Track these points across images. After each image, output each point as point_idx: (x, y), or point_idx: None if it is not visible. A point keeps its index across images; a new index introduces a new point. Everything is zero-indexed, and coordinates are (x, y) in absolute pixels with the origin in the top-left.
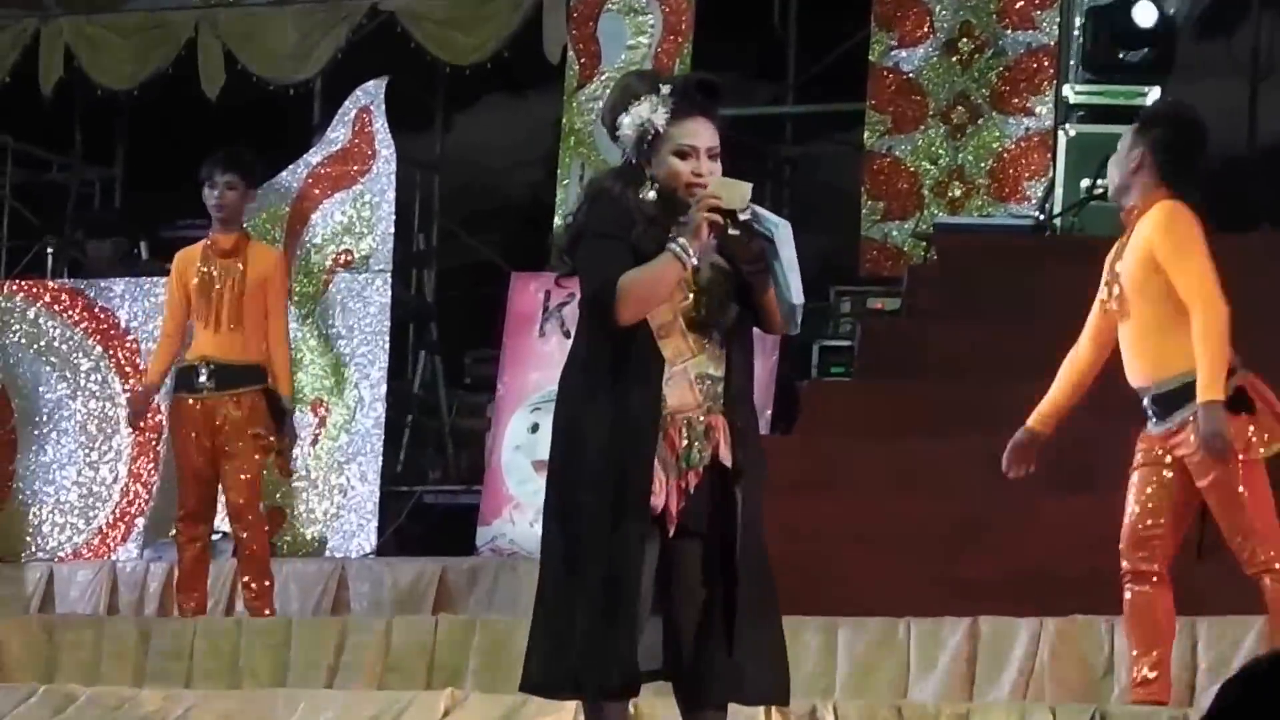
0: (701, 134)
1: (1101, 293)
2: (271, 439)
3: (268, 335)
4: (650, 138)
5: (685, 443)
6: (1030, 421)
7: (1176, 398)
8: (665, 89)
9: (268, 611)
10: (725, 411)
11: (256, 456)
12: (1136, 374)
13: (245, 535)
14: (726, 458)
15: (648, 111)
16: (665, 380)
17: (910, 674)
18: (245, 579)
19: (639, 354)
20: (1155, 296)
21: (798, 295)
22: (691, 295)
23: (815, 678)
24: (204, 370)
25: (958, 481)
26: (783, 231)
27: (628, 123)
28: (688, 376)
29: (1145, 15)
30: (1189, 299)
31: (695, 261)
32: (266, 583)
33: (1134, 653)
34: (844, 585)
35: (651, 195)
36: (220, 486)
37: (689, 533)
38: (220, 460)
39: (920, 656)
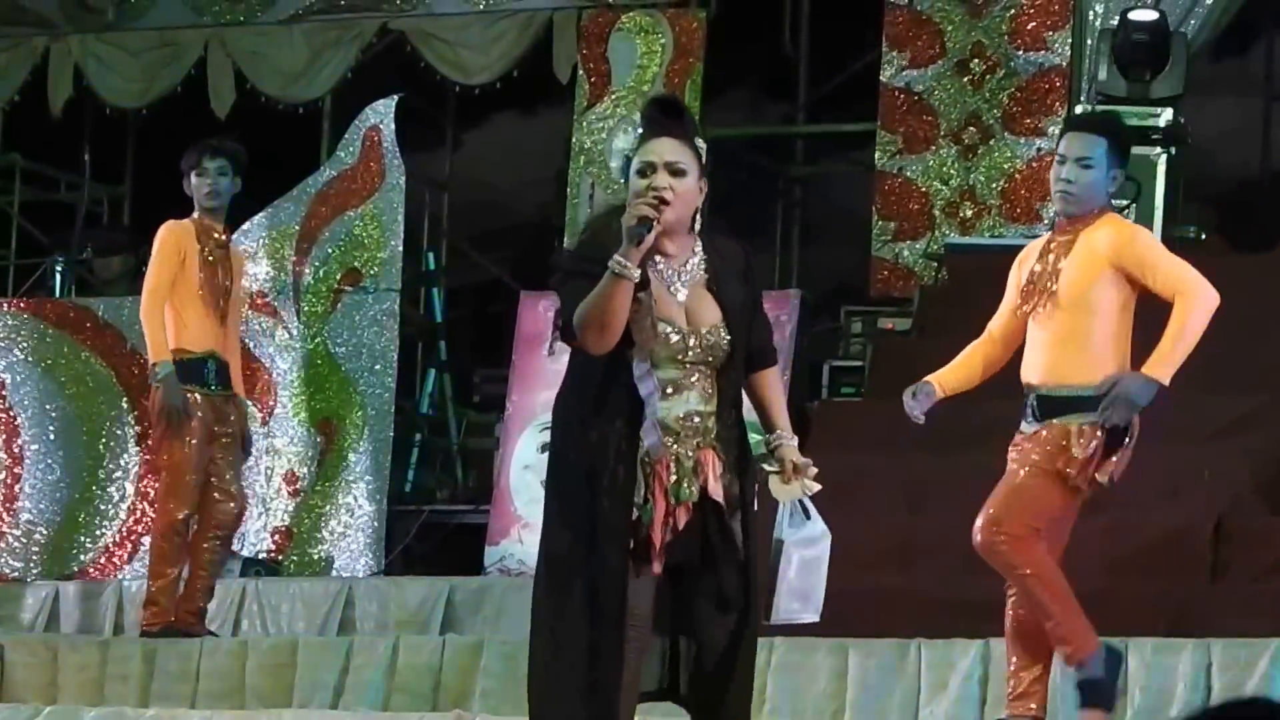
0: (659, 150)
1: (1016, 298)
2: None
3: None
4: (626, 164)
5: (674, 478)
6: (936, 379)
7: (1058, 405)
8: (637, 117)
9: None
10: (715, 446)
11: (241, 460)
12: (1035, 372)
13: (232, 539)
14: (716, 492)
15: (622, 142)
16: (643, 418)
17: (921, 696)
18: (208, 582)
19: (617, 390)
20: (1095, 306)
21: (789, 612)
22: (678, 336)
23: (826, 700)
24: (212, 366)
25: (969, 502)
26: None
27: (616, 156)
28: (656, 415)
29: (1153, 22)
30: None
31: (634, 272)
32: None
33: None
34: (855, 606)
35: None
36: (217, 492)
37: (683, 566)
38: (216, 455)
39: (931, 678)
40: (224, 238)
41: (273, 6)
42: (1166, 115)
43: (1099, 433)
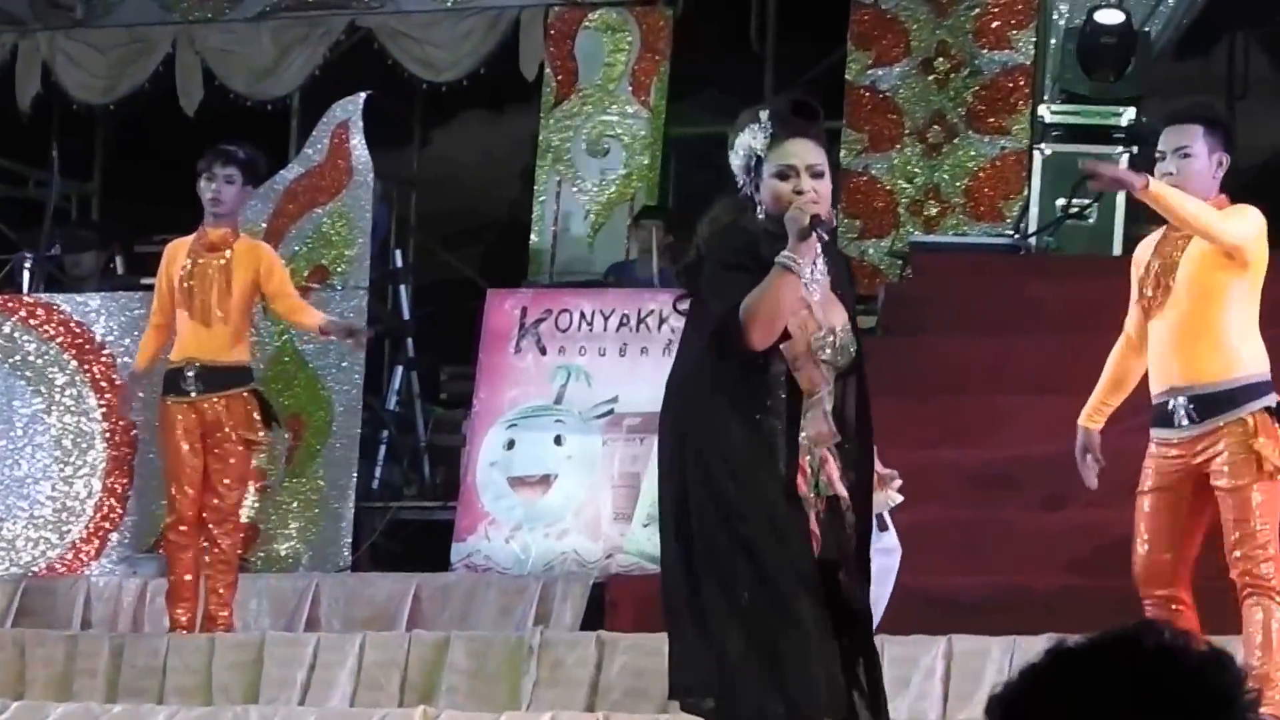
0: (800, 153)
1: (1144, 288)
2: (262, 441)
3: (290, 314)
4: (754, 164)
5: (811, 472)
6: (1086, 420)
7: (1219, 401)
8: (764, 115)
9: (228, 617)
10: (831, 449)
11: (244, 460)
12: (1175, 374)
13: (225, 540)
14: (840, 488)
15: (749, 139)
16: (803, 412)
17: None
18: (217, 583)
19: (774, 385)
20: (1217, 295)
21: None
22: (819, 332)
23: None
24: (189, 373)
25: (932, 499)
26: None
27: (734, 155)
28: (823, 407)
29: (1116, 21)
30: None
31: (804, 268)
32: (233, 586)
33: None
34: None
35: (760, 218)
36: (212, 494)
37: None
38: (208, 459)
39: (894, 675)
40: (220, 242)
41: (240, 4)
42: (1129, 115)
43: (1269, 416)
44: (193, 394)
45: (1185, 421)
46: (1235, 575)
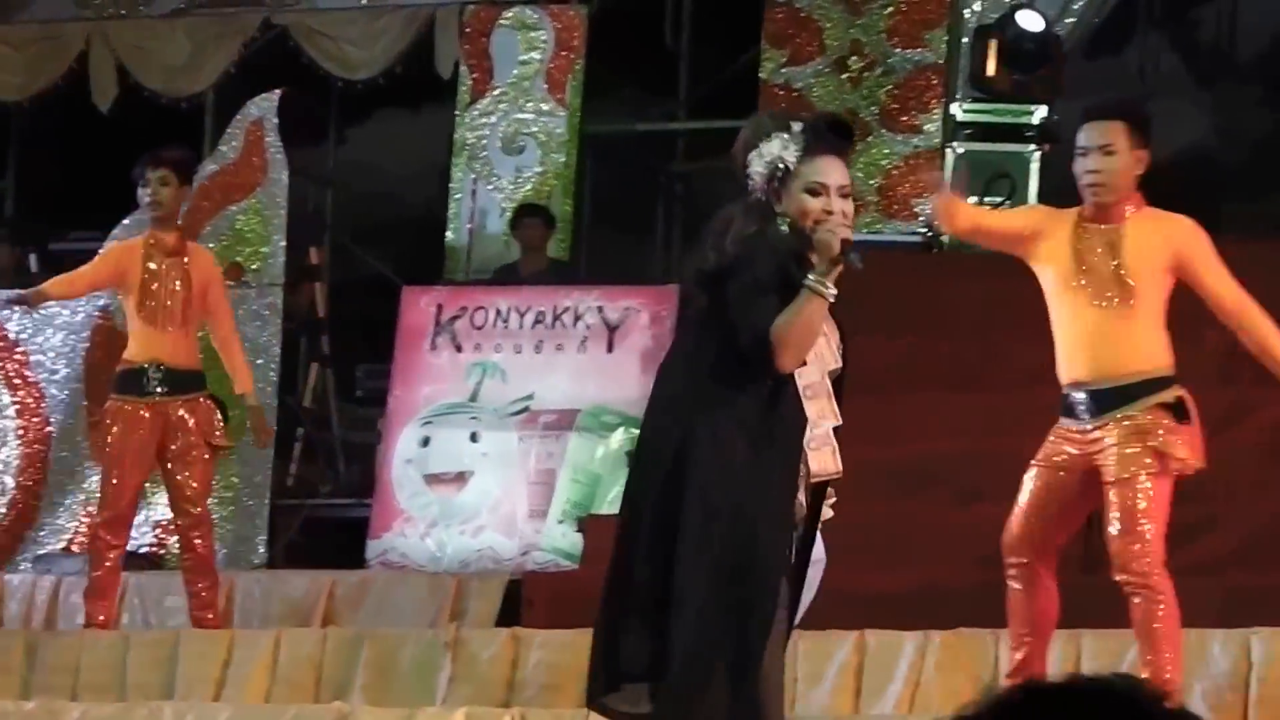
0: (832, 172)
1: (1079, 276)
2: (224, 442)
3: (220, 334)
4: (781, 174)
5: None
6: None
7: (1114, 397)
8: (797, 127)
9: (215, 618)
10: None
11: (208, 464)
12: (1083, 368)
13: (200, 540)
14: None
15: (779, 149)
16: (807, 441)
17: (798, 686)
18: (199, 585)
19: (787, 411)
20: (1157, 296)
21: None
22: (835, 361)
23: None
24: (154, 374)
25: (845, 495)
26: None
27: (758, 159)
28: (830, 441)
29: (1031, 21)
30: (1237, 303)
31: (834, 292)
32: (215, 588)
33: (1010, 643)
34: None
35: (784, 230)
36: (170, 490)
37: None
38: (172, 464)
39: (808, 669)
40: (177, 245)
41: (154, 0)
42: (1040, 113)
43: (1169, 411)
44: (157, 395)
45: (1086, 416)
46: (1116, 573)
